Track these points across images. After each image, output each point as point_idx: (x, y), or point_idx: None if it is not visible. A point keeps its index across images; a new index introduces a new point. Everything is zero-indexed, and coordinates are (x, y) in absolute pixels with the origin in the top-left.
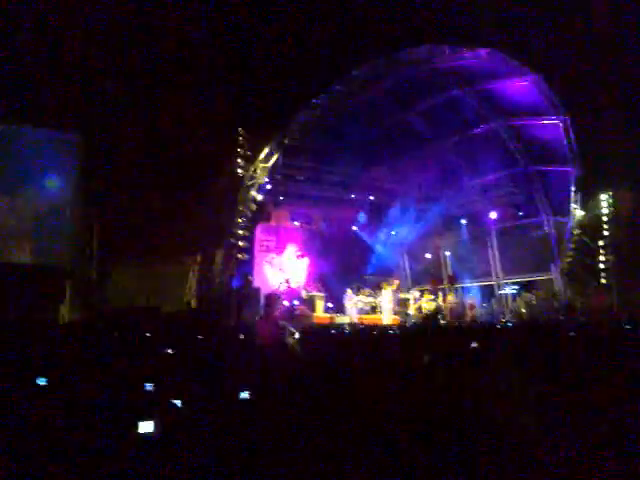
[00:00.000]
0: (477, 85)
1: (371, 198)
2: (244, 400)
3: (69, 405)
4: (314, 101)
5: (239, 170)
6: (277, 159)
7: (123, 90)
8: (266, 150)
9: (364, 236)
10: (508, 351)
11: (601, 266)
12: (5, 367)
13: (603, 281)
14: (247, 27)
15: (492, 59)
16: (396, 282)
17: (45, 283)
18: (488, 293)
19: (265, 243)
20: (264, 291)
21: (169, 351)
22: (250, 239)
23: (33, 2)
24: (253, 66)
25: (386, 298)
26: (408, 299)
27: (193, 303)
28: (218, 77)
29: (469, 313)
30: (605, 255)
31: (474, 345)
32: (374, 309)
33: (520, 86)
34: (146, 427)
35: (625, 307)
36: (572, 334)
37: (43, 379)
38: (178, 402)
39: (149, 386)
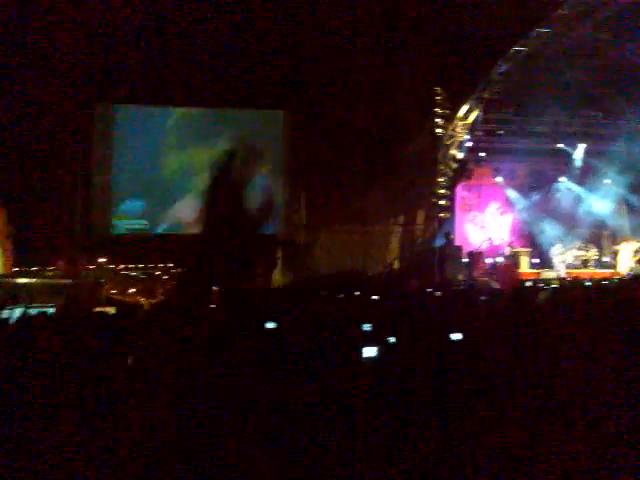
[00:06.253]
0: None
1: (582, 146)
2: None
3: (298, 340)
4: (515, 49)
5: (438, 130)
6: (477, 115)
7: (325, 65)
8: (465, 107)
9: (575, 187)
10: None
11: None
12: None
13: None
14: None
15: None
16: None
17: (262, 252)
18: None
19: (466, 201)
20: (466, 249)
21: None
22: (451, 198)
23: None
24: (450, 20)
25: (626, 251)
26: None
27: (396, 264)
28: (416, 38)
29: None
30: None
31: None
32: (585, 263)
33: None
34: (369, 352)
35: None
36: None
37: (272, 323)
38: (392, 339)
39: (367, 326)
